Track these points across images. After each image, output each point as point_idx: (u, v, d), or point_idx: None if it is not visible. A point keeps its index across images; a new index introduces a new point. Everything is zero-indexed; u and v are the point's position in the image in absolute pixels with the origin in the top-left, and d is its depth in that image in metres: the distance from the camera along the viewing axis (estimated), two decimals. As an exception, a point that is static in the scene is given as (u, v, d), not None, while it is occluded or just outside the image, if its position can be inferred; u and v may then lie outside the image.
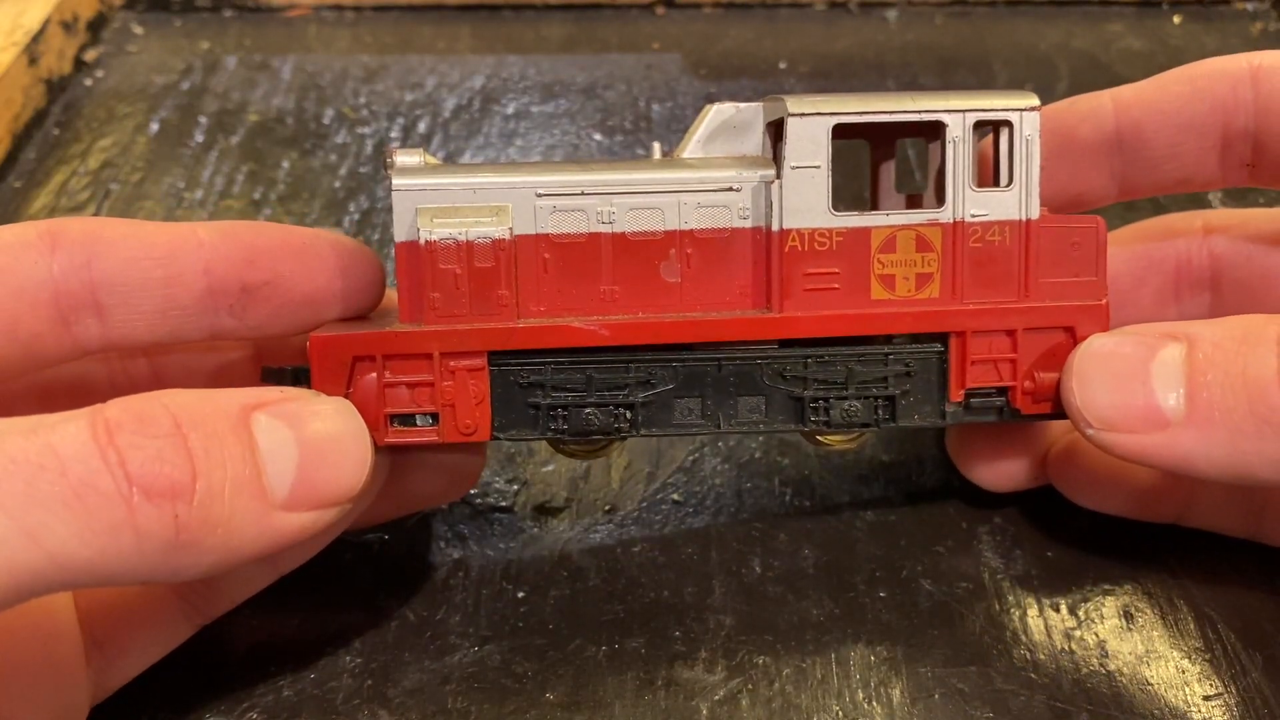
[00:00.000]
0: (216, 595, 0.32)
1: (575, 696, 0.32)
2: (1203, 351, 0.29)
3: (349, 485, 0.27)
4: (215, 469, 0.25)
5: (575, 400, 0.32)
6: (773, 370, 0.32)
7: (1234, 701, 0.32)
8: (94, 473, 0.23)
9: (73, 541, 0.23)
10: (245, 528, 0.25)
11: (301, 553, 0.33)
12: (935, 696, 0.32)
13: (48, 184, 0.53)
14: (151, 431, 0.24)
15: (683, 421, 0.32)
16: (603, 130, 0.58)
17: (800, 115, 0.31)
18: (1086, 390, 0.31)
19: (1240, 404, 0.28)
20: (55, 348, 0.30)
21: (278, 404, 0.27)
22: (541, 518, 0.38)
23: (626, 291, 0.32)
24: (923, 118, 0.32)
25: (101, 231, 0.30)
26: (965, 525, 0.38)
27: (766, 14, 0.68)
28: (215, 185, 0.53)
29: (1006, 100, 0.32)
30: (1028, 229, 0.32)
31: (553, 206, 0.31)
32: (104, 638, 0.30)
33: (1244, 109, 0.33)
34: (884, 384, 0.33)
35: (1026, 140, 0.32)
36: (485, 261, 0.30)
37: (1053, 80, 0.60)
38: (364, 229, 0.51)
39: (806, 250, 0.31)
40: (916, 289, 0.32)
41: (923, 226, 0.32)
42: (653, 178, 0.31)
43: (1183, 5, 0.68)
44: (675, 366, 0.32)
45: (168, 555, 0.24)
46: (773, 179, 0.31)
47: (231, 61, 0.62)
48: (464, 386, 0.31)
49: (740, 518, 0.38)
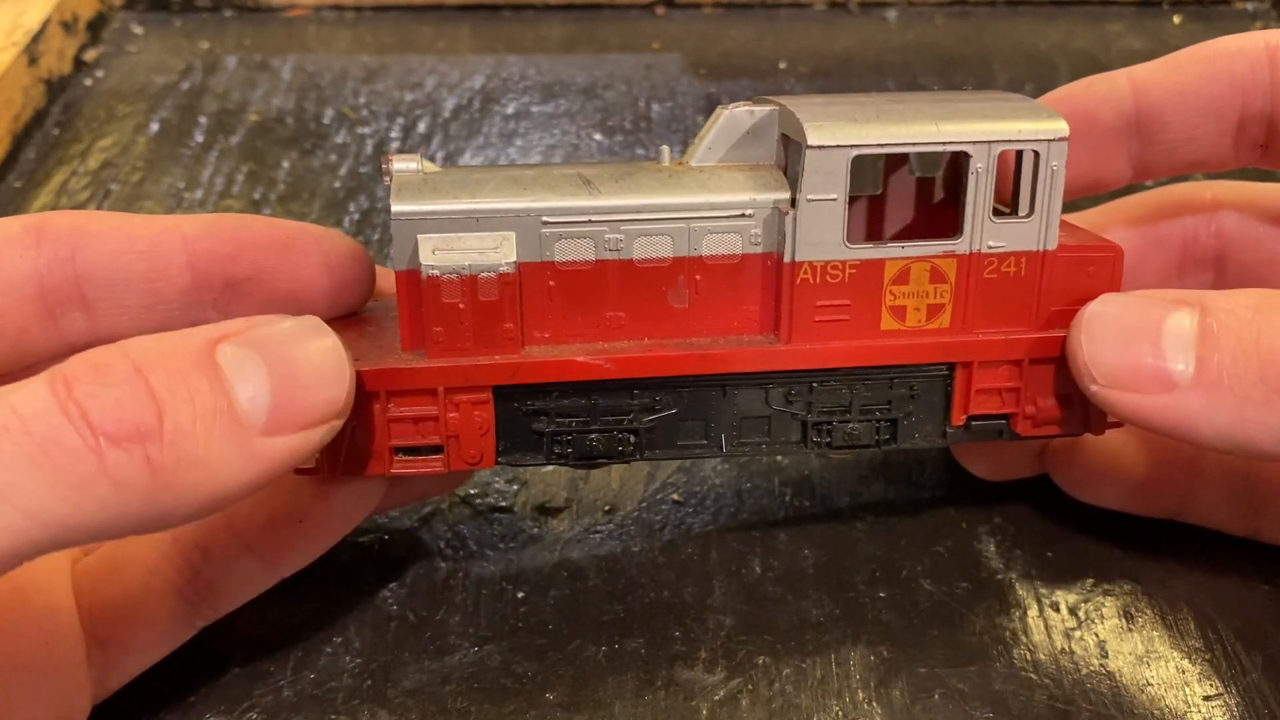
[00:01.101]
0: (217, 595, 0.32)
1: (575, 696, 0.32)
2: (1216, 318, 0.29)
3: (331, 400, 0.27)
4: (181, 405, 0.24)
5: (579, 426, 0.31)
6: (778, 394, 0.32)
7: (1234, 701, 0.32)
8: (56, 428, 0.23)
9: (49, 498, 0.23)
10: (227, 459, 0.25)
11: (305, 552, 0.33)
12: (935, 696, 0.32)
13: (48, 184, 0.53)
14: (110, 379, 0.24)
15: (687, 444, 0.32)
16: (603, 130, 0.58)
17: (820, 148, 0.29)
18: (1095, 346, 0.30)
19: (1251, 371, 0.28)
20: (42, 342, 0.30)
21: (241, 333, 0.26)
22: (541, 518, 0.38)
23: (632, 317, 0.31)
24: (947, 148, 0.30)
25: (86, 224, 0.30)
26: (965, 525, 0.38)
27: (766, 14, 0.68)
28: (215, 185, 0.53)
29: (1035, 127, 0.30)
30: (1044, 260, 0.31)
31: (559, 234, 0.30)
32: (107, 637, 0.30)
33: (1261, 90, 0.33)
34: (887, 407, 0.32)
35: (1052, 171, 0.30)
36: (489, 295, 0.29)
37: (1053, 80, 0.60)
38: (364, 229, 0.51)
39: (819, 283, 0.30)
40: (927, 319, 0.31)
41: (938, 258, 0.30)
42: (663, 203, 0.30)
43: (1183, 5, 0.68)
44: (680, 391, 0.31)
45: (150, 499, 0.24)
46: (787, 206, 0.30)
47: (231, 61, 0.62)
48: (469, 418, 0.30)
49: (740, 518, 0.38)
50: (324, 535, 0.33)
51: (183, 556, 0.31)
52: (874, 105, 0.30)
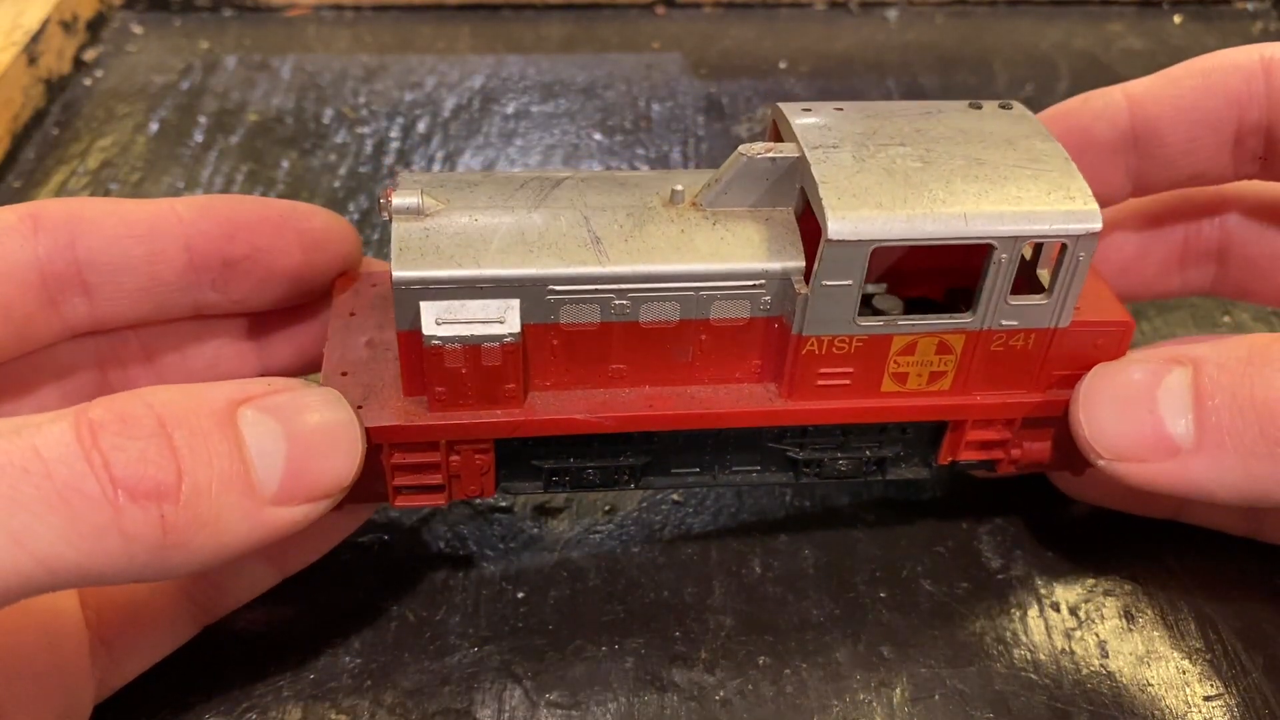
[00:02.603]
0: (222, 595, 0.32)
1: (575, 697, 0.32)
2: (1208, 375, 0.29)
3: (340, 475, 0.27)
4: (201, 467, 0.24)
5: (577, 464, 0.32)
6: (772, 436, 0.32)
7: (1234, 702, 0.32)
8: (79, 476, 0.23)
9: (59, 545, 0.23)
10: (235, 524, 0.25)
11: (309, 551, 0.33)
12: (935, 696, 0.32)
13: (47, 184, 0.53)
14: (135, 432, 0.24)
15: (680, 472, 0.33)
16: (603, 130, 0.58)
17: (840, 242, 0.28)
18: (1094, 422, 0.30)
19: (1250, 427, 0.28)
20: (45, 329, 0.30)
21: (264, 397, 0.26)
22: (541, 518, 0.38)
23: (634, 369, 0.31)
24: (972, 241, 0.28)
25: (82, 211, 0.30)
26: (965, 525, 0.38)
27: (766, 14, 0.68)
28: (215, 185, 0.53)
29: (1065, 220, 0.28)
30: (1054, 335, 0.30)
31: (565, 300, 0.29)
32: (111, 637, 0.30)
33: (1257, 102, 0.33)
34: (878, 447, 0.33)
35: (1078, 261, 0.29)
36: (492, 360, 0.29)
37: (1053, 80, 0.60)
38: (364, 229, 0.51)
39: (824, 354, 0.30)
40: (928, 384, 0.31)
41: (947, 334, 0.30)
42: (674, 271, 0.29)
43: (1183, 5, 0.68)
44: (677, 434, 0.32)
45: (157, 555, 0.24)
46: (800, 281, 0.29)
47: (231, 61, 0.62)
48: (469, 461, 0.30)
49: (740, 518, 0.38)
50: (329, 535, 0.34)
51: None
52: (902, 171, 0.29)
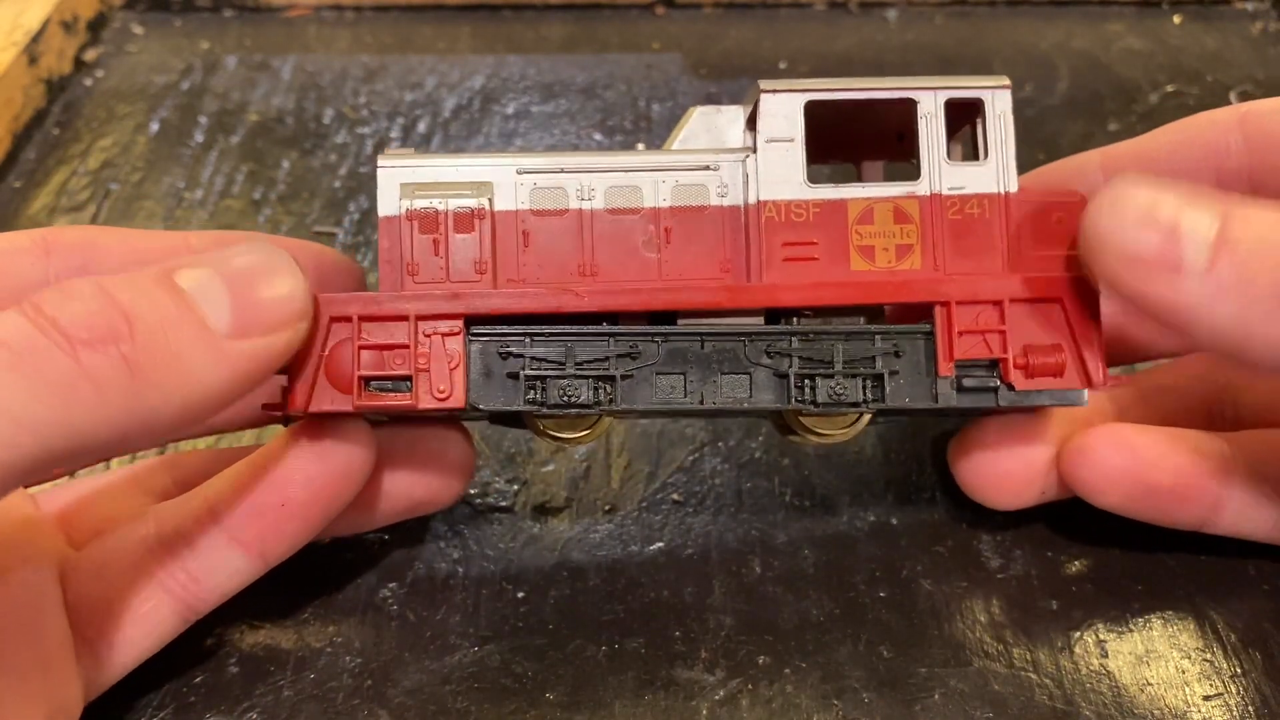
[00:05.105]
0: (203, 587, 0.32)
1: (575, 696, 0.32)
2: (1240, 218, 0.28)
3: (288, 300, 0.28)
4: (147, 311, 0.26)
5: (554, 372, 0.31)
6: (756, 348, 0.32)
7: (1234, 702, 0.32)
8: (30, 337, 0.24)
9: (32, 403, 0.24)
10: (199, 360, 0.26)
11: (289, 540, 0.32)
12: (935, 696, 0.32)
13: (48, 184, 0.53)
14: (78, 295, 0.25)
15: (665, 398, 0.32)
16: (603, 130, 0.58)
17: (774, 91, 0.32)
18: (1113, 217, 0.30)
19: (1263, 275, 0.28)
20: None
21: (193, 259, 0.28)
22: (541, 518, 0.38)
23: (604, 268, 0.32)
24: (893, 95, 0.32)
25: (95, 239, 0.31)
26: (965, 525, 0.38)
27: (766, 14, 0.68)
28: (215, 185, 0.53)
29: (978, 79, 0.33)
30: (1007, 202, 0.32)
31: (533, 184, 0.32)
32: (94, 634, 0.30)
33: (1234, 149, 0.33)
34: (871, 363, 0.32)
35: (999, 116, 0.32)
36: (465, 231, 0.31)
37: (1053, 80, 0.60)
38: (364, 229, 0.51)
39: (784, 221, 0.32)
40: (897, 260, 0.32)
41: (900, 199, 0.32)
42: (632, 159, 0.32)
43: (1183, 5, 0.68)
44: (657, 342, 0.32)
45: (133, 396, 0.25)
46: (749, 155, 0.32)
47: (231, 61, 0.62)
48: (440, 351, 0.31)
49: (740, 518, 0.38)
50: (306, 519, 0.32)
51: (166, 549, 0.31)
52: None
